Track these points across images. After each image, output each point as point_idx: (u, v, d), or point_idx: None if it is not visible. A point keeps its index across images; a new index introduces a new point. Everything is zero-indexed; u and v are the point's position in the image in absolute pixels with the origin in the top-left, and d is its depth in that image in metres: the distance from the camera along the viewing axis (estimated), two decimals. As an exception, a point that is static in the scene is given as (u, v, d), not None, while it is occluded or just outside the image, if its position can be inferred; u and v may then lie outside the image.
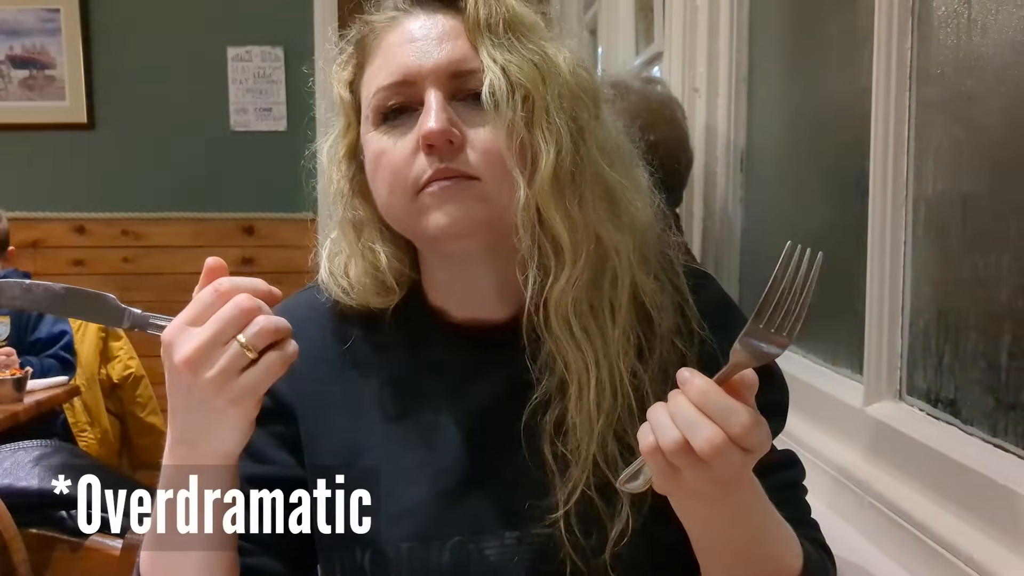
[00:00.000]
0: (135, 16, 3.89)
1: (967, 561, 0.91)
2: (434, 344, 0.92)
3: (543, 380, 0.85)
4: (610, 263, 0.84)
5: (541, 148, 0.81)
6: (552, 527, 0.84)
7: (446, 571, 0.85)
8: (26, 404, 2.59)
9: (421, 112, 0.83)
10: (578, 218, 0.83)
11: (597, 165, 0.85)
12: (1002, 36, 1.00)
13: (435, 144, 0.81)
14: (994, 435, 0.99)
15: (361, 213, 0.89)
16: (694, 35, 2.00)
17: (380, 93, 0.84)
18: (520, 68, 0.82)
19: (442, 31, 0.85)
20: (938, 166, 1.13)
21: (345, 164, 0.89)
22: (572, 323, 0.83)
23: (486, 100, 0.81)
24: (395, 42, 0.85)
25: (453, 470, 0.88)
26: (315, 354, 0.91)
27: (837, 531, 1.15)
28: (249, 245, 3.98)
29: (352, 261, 0.91)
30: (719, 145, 1.93)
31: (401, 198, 0.84)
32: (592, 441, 0.83)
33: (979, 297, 1.05)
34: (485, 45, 0.83)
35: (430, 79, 0.83)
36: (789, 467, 0.96)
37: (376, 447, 0.89)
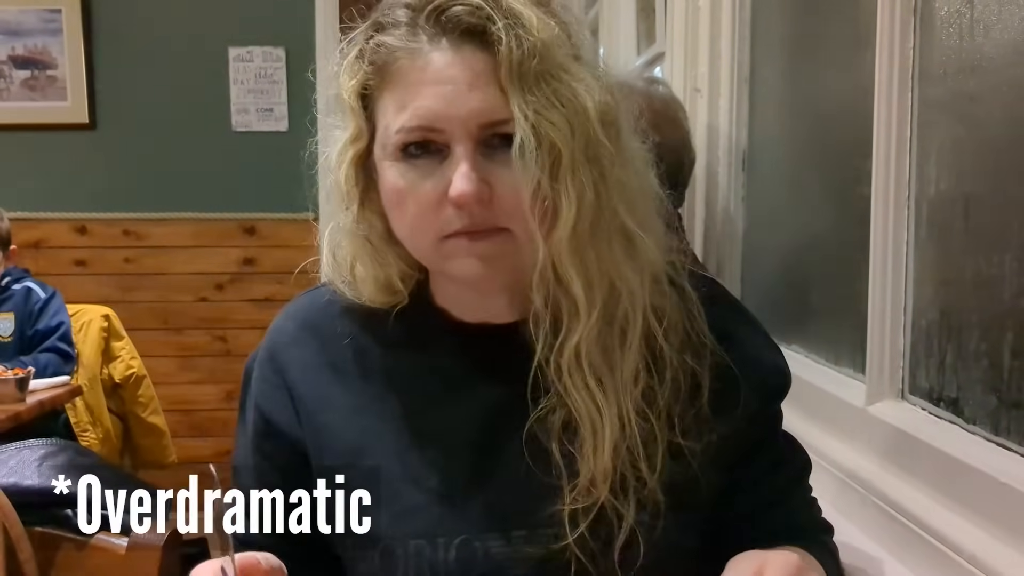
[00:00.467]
0: (137, 16, 3.89)
1: (970, 559, 0.91)
2: (440, 344, 0.92)
3: (556, 395, 0.85)
4: (623, 306, 0.84)
5: (563, 204, 0.80)
6: (558, 527, 0.84)
7: (452, 569, 0.85)
8: (28, 404, 2.59)
9: (447, 154, 0.81)
10: (594, 270, 0.82)
11: (616, 212, 0.84)
12: (1004, 36, 1.00)
13: (465, 205, 0.80)
14: (996, 434, 0.99)
15: (371, 225, 0.88)
16: (696, 35, 2.00)
17: (403, 133, 0.81)
18: (551, 123, 0.79)
19: (472, 75, 0.80)
20: (940, 165, 1.13)
21: (353, 172, 0.87)
22: (585, 372, 0.84)
23: (515, 158, 0.79)
24: (419, 79, 0.81)
25: (458, 470, 0.88)
26: (317, 359, 0.92)
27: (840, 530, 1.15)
28: (250, 245, 3.98)
29: (358, 261, 0.90)
30: (721, 145, 1.93)
31: (425, 240, 0.84)
32: (603, 455, 0.84)
33: (981, 296, 1.05)
34: (516, 94, 0.79)
35: (459, 129, 0.80)
36: (801, 468, 0.99)
37: (381, 446, 0.89)
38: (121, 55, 3.90)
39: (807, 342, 1.54)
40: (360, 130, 0.85)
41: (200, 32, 3.89)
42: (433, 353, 0.92)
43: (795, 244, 1.69)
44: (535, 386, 0.86)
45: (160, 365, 3.77)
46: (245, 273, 3.98)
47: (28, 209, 3.85)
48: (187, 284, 3.98)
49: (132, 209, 3.95)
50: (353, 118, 0.85)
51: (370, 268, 0.90)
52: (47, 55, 3.89)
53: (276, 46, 3.89)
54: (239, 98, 3.91)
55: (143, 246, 3.97)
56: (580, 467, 0.84)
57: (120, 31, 3.89)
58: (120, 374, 3.28)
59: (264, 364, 0.95)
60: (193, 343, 3.99)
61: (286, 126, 3.93)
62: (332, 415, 0.91)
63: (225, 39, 3.89)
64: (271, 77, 3.90)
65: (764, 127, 1.84)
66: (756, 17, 1.86)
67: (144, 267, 3.97)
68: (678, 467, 0.87)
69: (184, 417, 3.91)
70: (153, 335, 3.88)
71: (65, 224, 3.94)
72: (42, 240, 3.90)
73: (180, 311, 3.98)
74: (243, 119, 3.92)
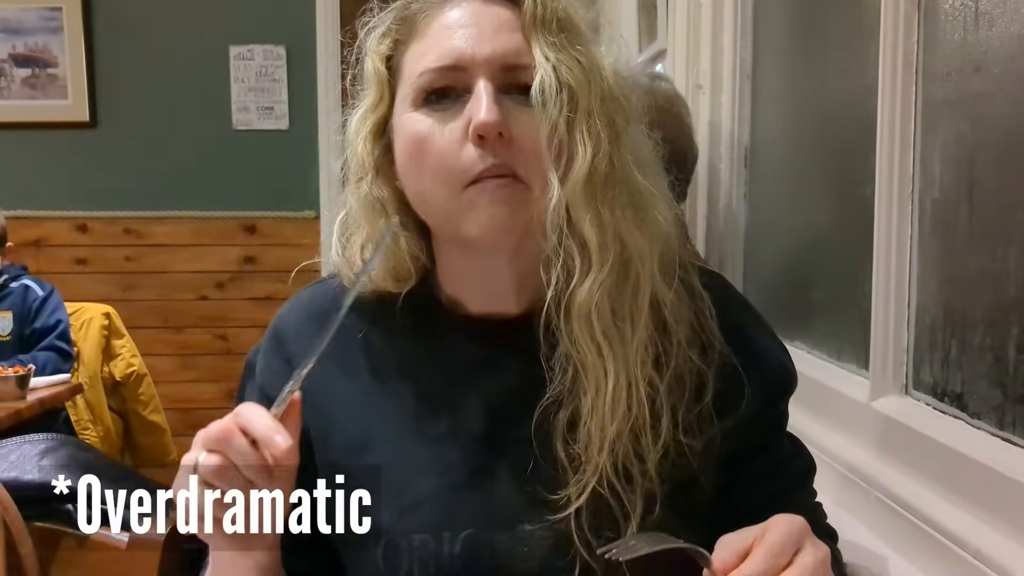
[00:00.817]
0: (137, 15, 3.89)
1: (975, 554, 0.90)
2: (447, 336, 0.92)
3: (556, 379, 0.85)
4: (633, 269, 0.84)
5: (578, 149, 0.81)
6: (564, 522, 0.84)
7: (457, 563, 0.85)
8: (29, 402, 2.59)
9: (467, 99, 0.82)
10: (607, 221, 0.83)
11: (628, 171, 0.85)
12: (1009, 31, 1.00)
13: (487, 136, 0.80)
14: (1001, 428, 0.99)
15: (384, 193, 0.88)
16: (698, 32, 1.99)
17: (427, 75, 0.83)
18: (569, 68, 0.81)
19: (498, 21, 0.83)
20: (944, 160, 1.13)
21: (371, 140, 0.88)
22: (594, 326, 0.83)
23: (535, 97, 0.81)
24: (447, 24, 0.84)
25: (464, 463, 0.88)
26: (324, 351, 0.92)
27: (844, 526, 1.15)
28: (251, 244, 3.98)
29: (368, 244, 0.90)
30: (723, 142, 1.92)
31: (445, 189, 0.83)
32: (605, 443, 0.83)
33: (986, 291, 1.05)
34: (539, 41, 0.82)
35: (482, 68, 0.82)
36: (805, 470, 0.99)
37: (386, 440, 0.89)
38: (122, 53, 3.90)
39: (810, 338, 1.54)
40: (382, 94, 0.87)
41: (201, 30, 3.89)
42: (439, 347, 0.92)
43: (798, 240, 1.68)
44: (541, 379, 0.85)
45: (160, 363, 3.76)
46: (246, 271, 3.98)
47: (29, 207, 3.85)
48: (187, 282, 3.98)
49: (133, 207, 3.94)
50: (376, 83, 0.87)
51: (384, 258, 0.89)
52: (48, 53, 3.88)
53: (277, 44, 3.89)
54: (240, 96, 3.91)
55: (144, 244, 3.96)
56: (579, 431, 0.84)
57: (121, 29, 3.89)
58: (121, 372, 3.27)
59: (269, 354, 0.94)
60: (193, 341, 3.99)
61: (287, 124, 3.93)
62: (338, 408, 0.91)
63: (226, 37, 3.88)
64: (272, 75, 3.90)
65: (766, 123, 1.83)
66: (758, 13, 1.86)
67: (145, 265, 3.97)
68: (679, 464, 0.86)
69: (184, 415, 3.91)
70: (153, 333, 3.88)
71: (66, 222, 3.94)
72: (43, 238, 3.90)
73: (180, 309, 3.98)
74: (244, 117, 3.92)
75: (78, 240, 3.95)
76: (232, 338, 3.99)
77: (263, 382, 0.94)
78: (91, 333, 3.20)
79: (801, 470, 1.01)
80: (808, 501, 1.00)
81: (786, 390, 0.99)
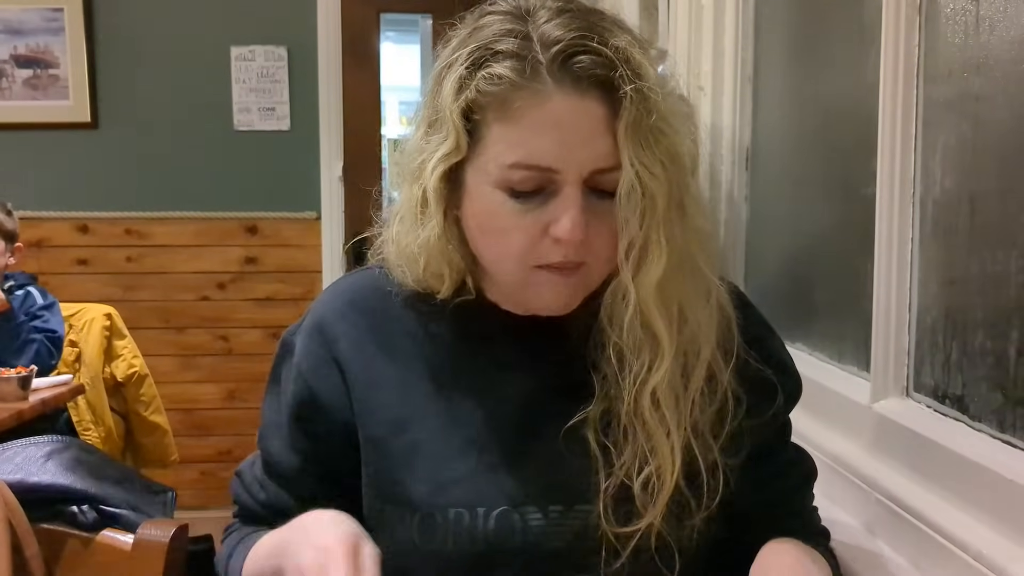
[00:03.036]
0: (139, 16, 3.89)
1: (976, 556, 0.91)
2: (488, 331, 0.96)
3: (598, 386, 0.91)
4: (694, 343, 0.89)
5: (652, 251, 0.85)
6: (593, 506, 0.89)
7: (491, 538, 0.90)
8: (31, 402, 2.59)
9: (552, 195, 0.84)
10: (675, 311, 0.87)
11: (695, 258, 0.89)
12: (1010, 33, 1.00)
13: (571, 245, 0.84)
14: (1002, 431, 0.99)
15: (444, 227, 0.90)
16: (699, 34, 2.00)
17: (516, 171, 0.84)
18: (652, 173, 0.83)
19: (592, 124, 0.83)
20: (945, 162, 1.13)
21: (442, 184, 0.88)
22: (661, 406, 0.88)
23: (619, 203, 0.84)
24: (539, 119, 0.83)
25: (499, 447, 0.92)
26: (366, 336, 0.96)
27: (844, 527, 1.15)
28: (252, 244, 3.97)
29: (421, 254, 0.92)
30: (724, 143, 1.93)
31: (513, 265, 0.88)
32: (667, 487, 0.89)
33: (987, 293, 1.05)
34: (629, 146, 0.83)
35: (573, 175, 0.83)
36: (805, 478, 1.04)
37: (425, 419, 0.93)
38: (123, 54, 3.89)
39: (811, 340, 1.54)
40: (459, 146, 0.87)
41: (202, 31, 3.89)
42: (481, 339, 0.96)
43: (798, 242, 1.69)
44: (578, 374, 0.91)
45: (162, 364, 3.76)
46: (247, 272, 3.98)
47: (30, 208, 3.84)
48: (189, 283, 3.98)
49: (134, 208, 3.94)
50: (454, 134, 0.86)
51: (434, 266, 0.93)
52: (49, 54, 3.88)
53: (278, 45, 3.89)
54: (241, 97, 3.91)
55: (145, 245, 3.96)
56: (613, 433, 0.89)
57: (122, 30, 3.89)
58: (122, 373, 3.27)
59: (311, 337, 0.98)
60: (195, 342, 3.99)
61: (288, 125, 3.92)
62: (380, 389, 0.94)
63: (227, 38, 3.88)
64: (273, 76, 3.90)
65: (767, 125, 1.84)
66: (759, 15, 1.86)
67: (146, 266, 3.96)
68: (716, 484, 0.92)
69: (186, 416, 3.91)
70: (155, 334, 3.88)
71: (67, 223, 3.94)
72: (44, 239, 3.90)
73: (182, 310, 3.98)
74: (245, 118, 3.92)
75: (79, 241, 3.95)
76: (233, 339, 3.99)
77: (301, 364, 0.97)
78: (92, 334, 3.20)
79: (803, 474, 1.03)
80: (806, 506, 1.03)
81: (797, 395, 1.03)
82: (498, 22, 0.87)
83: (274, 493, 0.99)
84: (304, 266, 3.92)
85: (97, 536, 1.09)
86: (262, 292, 3.96)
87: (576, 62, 0.82)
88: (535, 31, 0.84)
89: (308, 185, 3.93)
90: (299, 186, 3.93)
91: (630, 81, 0.82)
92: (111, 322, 3.27)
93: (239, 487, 1.04)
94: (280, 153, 3.92)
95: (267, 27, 3.89)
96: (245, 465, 1.04)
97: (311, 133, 3.91)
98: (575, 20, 0.84)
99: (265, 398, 1.02)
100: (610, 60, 0.82)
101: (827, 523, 1.10)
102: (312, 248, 3.94)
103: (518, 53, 0.83)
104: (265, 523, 0.99)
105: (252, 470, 1.03)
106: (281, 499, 0.99)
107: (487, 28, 0.87)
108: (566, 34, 0.83)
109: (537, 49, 0.83)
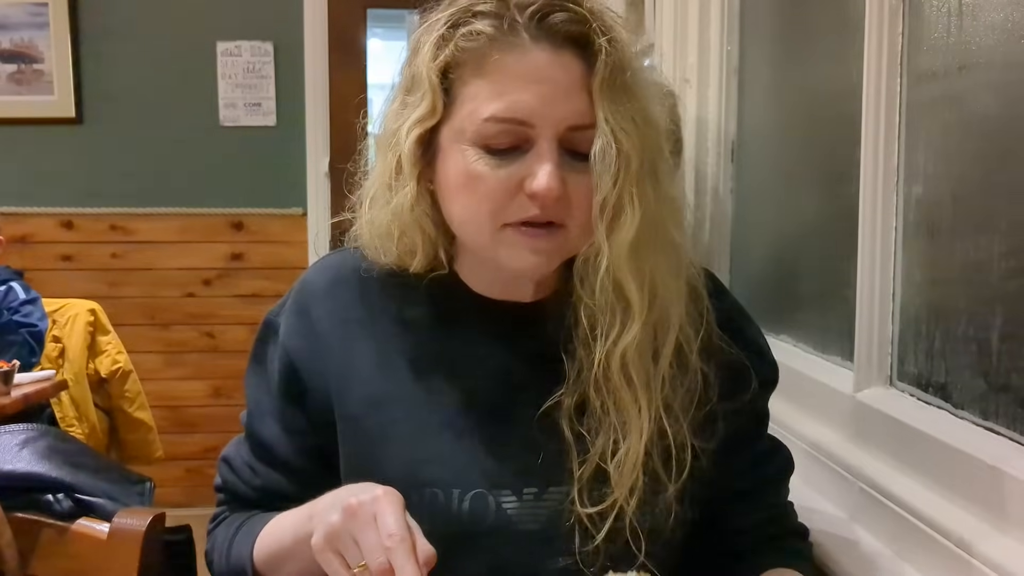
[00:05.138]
0: (124, 11, 3.87)
1: (958, 543, 0.91)
2: (464, 313, 0.96)
3: (571, 371, 0.90)
4: (665, 317, 0.90)
5: (627, 210, 0.85)
6: (567, 489, 0.90)
7: (464, 519, 0.90)
8: (14, 397, 2.57)
9: (527, 151, 0.84)
10: (647, 278, 0.87)
11: (666, 225, 0.89)
12: (994, 25, 1.00)
13: (545, 199, 0.83)
14: (985, 418, 0.99)
15: (417, 194, 0.90)
16: (685, 26, 1.99)
17: (491, 123, 0.84)
18: (627, 133, 0.84)
19: (569, 79, 0.84)
20: (928, 153, 1.13)
21: (417, 148, 0.89)
22: (631, 375, 0.88)
23: (593, 161, 0.84)
24: (517, 72, 0.84)
25: (475, 429, 0.92)
26: (344, 315, 0.97)
27: (828, 517, 1.15)
28: (238, 241, 3.96)
29: (396, 229, 0.92)
30: (710, 136, 1.93)
31: (487, 224, 0.87)
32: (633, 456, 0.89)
33: (969, 282, 1.05)
34: (603, 104, 0.84)
35: (549, 129, 0.84)
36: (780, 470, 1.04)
37: (400, 400, 0.94)
38: (108, 49, 3.87)
39: (795, 330, 1.54)
40: (435, 108, 0.87)
41: (187, 26, 3.87)
42: (457, 320, 0.96)
43: (783, 234, 1.69)
44: (551, 359, 0.91)
45: (146, 361, 3.74)
46: (232, 268, 3.96)
47: (14, 204, 3.82)
48: (174, 279, 3.96)
49: (119, 204, 3.92)
50: (430, 95, 0.87)
51: (408, 237, 0.92)
52: (33, 49, 3.86)
53: (264, 40, 3.87)
54: (227, 92, 3.89)
55: (130, 241, 3.94)
56: (586, 417, 0.90)
57: (107, 25, 3.87)
58: (106, 369, 3.25)
59: (294, 315, 0.98)
60: (180, 339, 3.97)
61: (274, 121, 3.91)
62: (356, 365, 0.95)
63: (213, 33, 3.86)
64: (259, 72, 3.89)
65: (753, 118, 1.84)
66: (745, 8, 1.86)
67: (131, 262, 3.94)
68: (692, 465, 0.91)
69: (170, 413, 3.89)
70: (140, 330, 3.86)
71: (51, 219, 3.91)
72: (28, 235, 3.88)
73: (167, 306, 3.96)
74: (231, 114, 3.90)
75: (64, 237, 3.92)
76: (218, 335, 3.97)
77: (287, 342, 0.97)
78: (76, 329, 3.17)
79: (778, 469, 1.04)
80: (780, 500, 1.03)
81: (773, 384, 1.03)
82: None
83: (268, 476, 0.99)
84: (290, 262, 3.91)
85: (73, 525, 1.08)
86: (248, 288, 3.94)
87: (551, 20, 0.84)
88: None
89: (294, 181, 3.91)
90: (285, 182, 3.92)
91: (603, 34, 0.84)
92: (95, 318, 3.25)
93: (228, 473, 1.03)
94: (266, 149, 3.90)
95: (253, 22, 3.87)
96: (231, 450, 1.04)
97: (297, 129, 3.90)
98: None
99: (249, 381, 1.02)
100: (584, 17, 0.85)
101: (809, 511, 1.10)
102: (298, 244, 3.92)
103: (495, 12, 0.85)
104: (260, 508, 0.99)
105: (240, 454, 1.02)
106: (277, 482, 0.98)
107: None
108: None
109: (514, 10, 0.85)
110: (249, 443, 1.01)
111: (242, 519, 1.00)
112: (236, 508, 1.03)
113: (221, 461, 1.04)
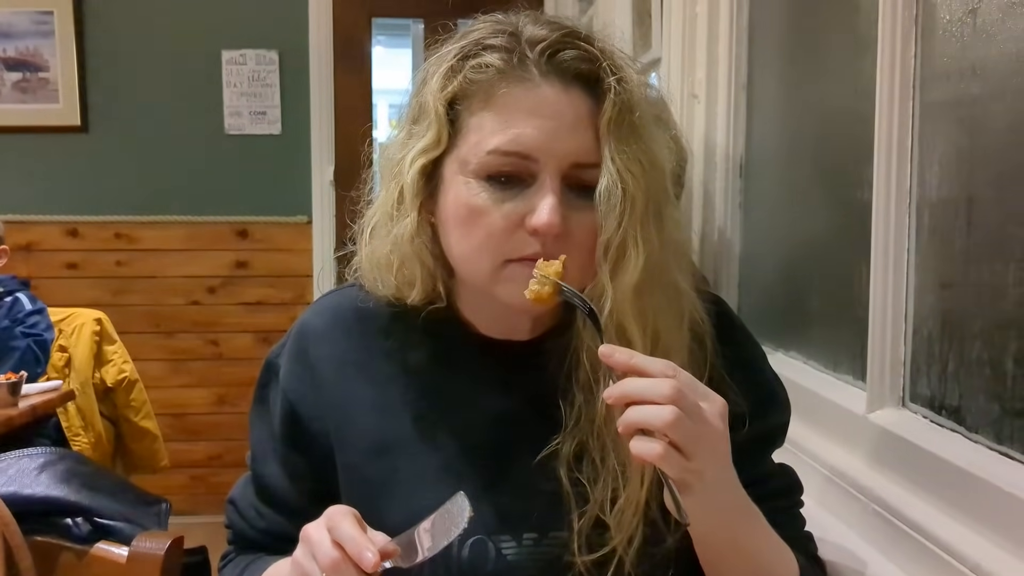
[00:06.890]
0: (129, 19, 3.88)
1: (974, 569, 0.91)
2: (463, 353, 0.96)
3: (570, 417, 0.89)
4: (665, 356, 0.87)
5: (630, 253, 0.84)
6: (566, 534, 0.89)
7: (465, 566, 0.90)
8: (21, 408, 2.58)
9: (530, 185, 0.84)
10: (649, 318, 0.86)
11: (669, 267, 0.89)
12: (1007, 43, 1.01)
13: (547, 235, 0.83)
14: (999, 442, 0.99)
15: (418, 225, 0.90)
16: (693, 41, 2.00)
17: (495, 156, 0.84)
18: (632, 174, 0.83)
19: (576, 116, 0.84)
20: (942, 172, 1.13)
21: (420, 178, 0.89)
22: None
23: (598, 201, 0.83)
24: (524, 106, 0.84)
25: (474, 473, 0.91)
26: (342, 357, 0.96)
27: (841, 538, 1.15)
28: (243, 249, 3.96)
29: (395, 261, 0.92)
30: (718, 152, 1.93)
31: (487, 259, 0.86)
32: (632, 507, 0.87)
33: (984, 303, 1.05)
34: (609, 142, 0.84)
35: (553, 165, 0.83)
36: (787, 494, 1.01)
37: (401, 445, 0.93)
38: (113, 57, 3.88)
39: (806, 349, 1.54)
40: (440, 138, 0.87)
41: (193, 35, 3.88)
42: (456, 361, 0.95)
43: (793, 251, 1.69)
44: (551, 403, 0.90)
45: (152, 369, 3.75)
46: (237, 276, 3.97)
47: (19, 212, 3.83)
48: (179, 287, 3.96)
49: (124, 212, 3.93)
50: (436, 125, 0.87)
51: (407, 268, 0.92)
52: (39, 57, 3.87)
53: (269, 49, 3.88)
54: (232, 101, 3.90)
55: (135, 249, 3.95)
56: (584, 465, 0.88)
57: (112, 33, 3.87)
58: (112, 378, 3.25)
59: (294, 358, 0.98)
60: (185, 347, 3.97)
61: (279, 129, 3.92)
62: (356, 411, 0.94)
63: (218, 42, 3.87)
64: (264, 80, 3.89)
65: (762, 134, 1.84)
66: (754, 23, 1.86)
67: (136, 270, 3.95)
68: None
69: (176, 421, 3.89)
70: (145, 339, 3.86)
71: (56, 227, 3.92)
72: (33, 243, 3.88)
73: (172, 315, 3.96)
74: (236, 122, 3.91)
75: (69, 245, 3.93)
76: (223, 343, 3.98)
77: (287, 387, 0.97)
78: (82, 339, 3.18)
79: (785, 497, 1.01)
80: (794, 534, 0.99)
81: (784, 428, 1.01)
82: (488, 25, 0.89)
83: (272, 519, 0.99)
84: (295, 270, 3.91)
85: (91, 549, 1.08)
86: (252, 296, 3.95)
87: (561, 57, 0.85)
88: (523, 31, 0.87)
89: (299, 189, 3.92)
90: (290, 190, 3.92)
91: (613, 73, 0.84)
92: (101, 327, 3.25)
93: (234, 515, 1.03)
94: (271, 157, 3.91)
95: (258, 31, 3.88)
96: (237, 492, 1.03)
97: (302, 137, 3.91)
98: (561, 25, 0.88)
99: (253, 422, 1.02)
100: (595, 55, 0.85)
101: (823, 532, 1.10)
102: (303, 252, 3.93)
103: (506, 47, 0.86)
104: (265, 549, 0.99)
105: (246, 496, 1.02)
106: (280, 524, 0.98)
107: (476, 31, 0.89)
108: (552, 33, 0.86)
109: (525, 45, 0.85)
110: (254, 485, 1.01)
111: (247, 562, 1.00)
112: (242, 549, 1.03)
113: (228, 503, 1.05)
